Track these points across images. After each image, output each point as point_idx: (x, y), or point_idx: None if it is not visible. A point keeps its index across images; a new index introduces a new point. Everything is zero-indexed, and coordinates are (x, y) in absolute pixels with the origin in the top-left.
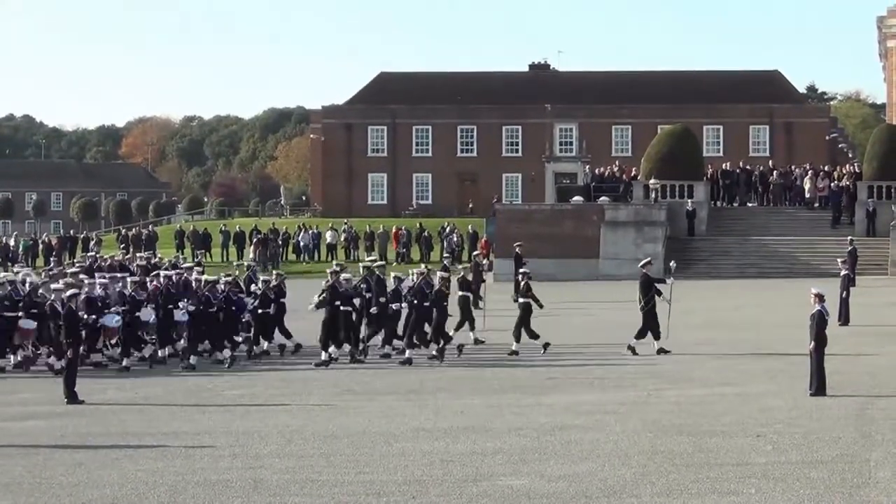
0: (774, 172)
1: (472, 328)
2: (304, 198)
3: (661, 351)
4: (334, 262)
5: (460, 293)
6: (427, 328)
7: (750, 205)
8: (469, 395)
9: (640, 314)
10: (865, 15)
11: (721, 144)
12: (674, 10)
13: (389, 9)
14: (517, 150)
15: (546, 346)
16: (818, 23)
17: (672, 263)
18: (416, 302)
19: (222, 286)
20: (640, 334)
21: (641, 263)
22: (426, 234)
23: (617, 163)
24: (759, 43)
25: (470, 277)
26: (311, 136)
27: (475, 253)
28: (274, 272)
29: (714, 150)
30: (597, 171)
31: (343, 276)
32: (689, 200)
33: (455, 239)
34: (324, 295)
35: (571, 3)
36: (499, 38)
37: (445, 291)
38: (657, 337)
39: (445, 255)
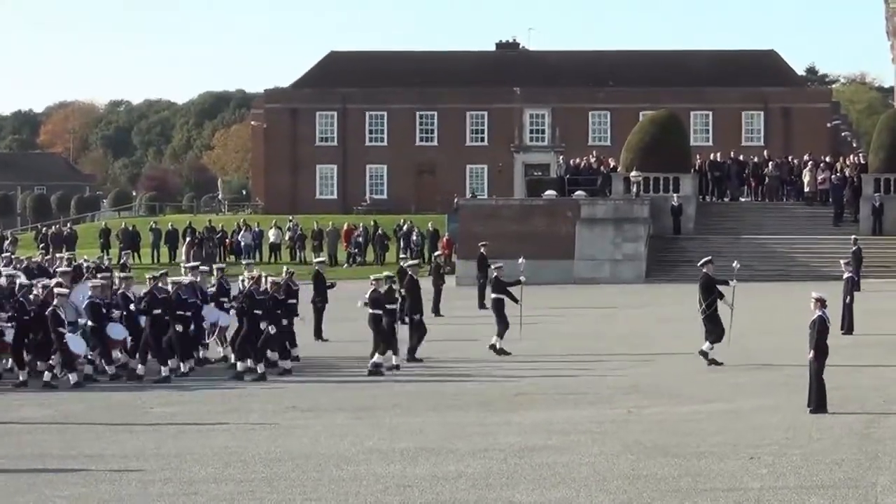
0: (770, 164)
1: (395, 351)
2: (244, 192)
3: (712, 362)
4: (381, 274)
5: (371, 312)
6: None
7: (743, 200)
8: (428, 413)
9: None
10: None
11: (710, 132)
12: None
13: None
14: (482, 139)
15: (499, 351)
16: None
17: (735, 264)
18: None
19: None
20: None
21: (702, 262)
22: (381, 232)
23: (594, 153)
24: (752, 20)
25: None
26: (253, 122)
27: (436, 254)
28: (285, 269)
29: (703, 138)
30: (571, 162)
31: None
32: (675, 195)
33: (415, 238)
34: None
35: None
36: (462, 13)
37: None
38: (715, 342)
39: (403, 256)
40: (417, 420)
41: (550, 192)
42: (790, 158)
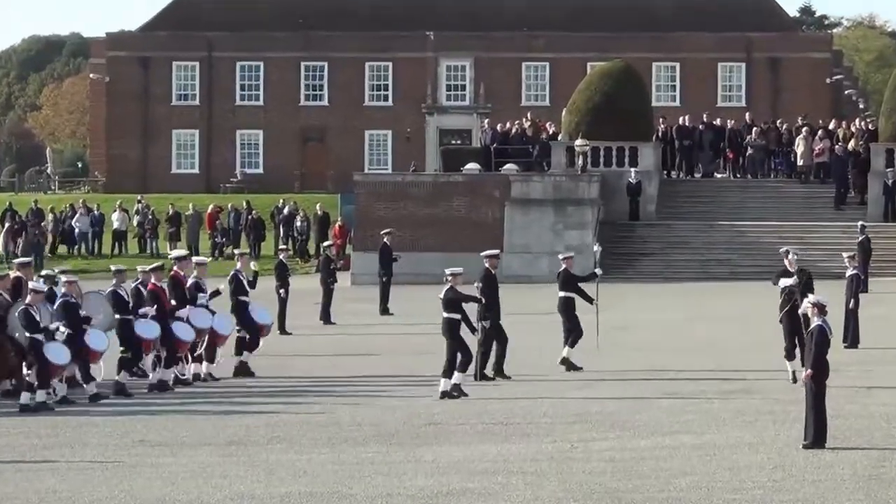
0: (753, 130)
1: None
2: (79, 165)
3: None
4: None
5: (447, 316)
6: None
7: (718, 176)
8: (316, 448)
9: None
10: None
11: (678, 90)
12: None
13: None
14: (386, 98)
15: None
16: None
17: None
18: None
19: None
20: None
21: (784, 250)
22: (255, 216)
23: (529, 115)
24: None
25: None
26: (92, 75)
27: (325, 244)
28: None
29: (668, 97)
30: (500, 127)
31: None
32: (633, 170)
33: (299, 224)
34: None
35: None
36: None
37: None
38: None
39: (282, 247)
40: (302, 458)
41: (473, 166)
42: (779, 123)
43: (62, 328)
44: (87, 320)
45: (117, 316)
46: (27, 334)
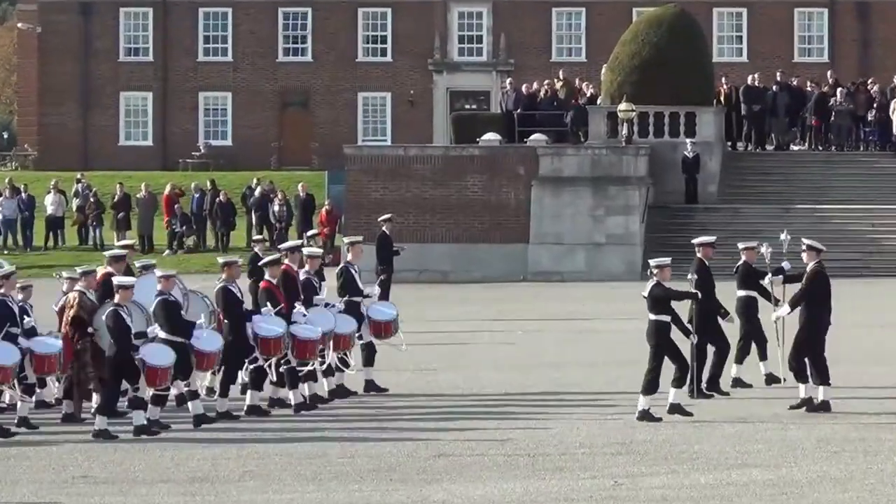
0: (838, 92)
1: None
2: (4, 136)
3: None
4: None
5: (654, 318)
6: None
7: (795, 148)
8: (300, 485)
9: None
10: None
11: (745, 41)
12: None
13: None
14: (383, 52)
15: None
16: None
17: (784, 236)
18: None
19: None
20: None
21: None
22: (223, 199)
23: (560, 74)
24: None
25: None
26: (20, 25)
27: (310, 233)
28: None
29: (733, 51)
30: (524, 88)
31: (654, 263)
32: (689, 141)
33: (276, 208)
34: None
35: None
36: None
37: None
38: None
39: (257, 237)
40: (282, 498)
41: (491, 137)
42: (870, 84)
43: (160, 333)
44: (191, 325)
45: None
46: (112, 340)
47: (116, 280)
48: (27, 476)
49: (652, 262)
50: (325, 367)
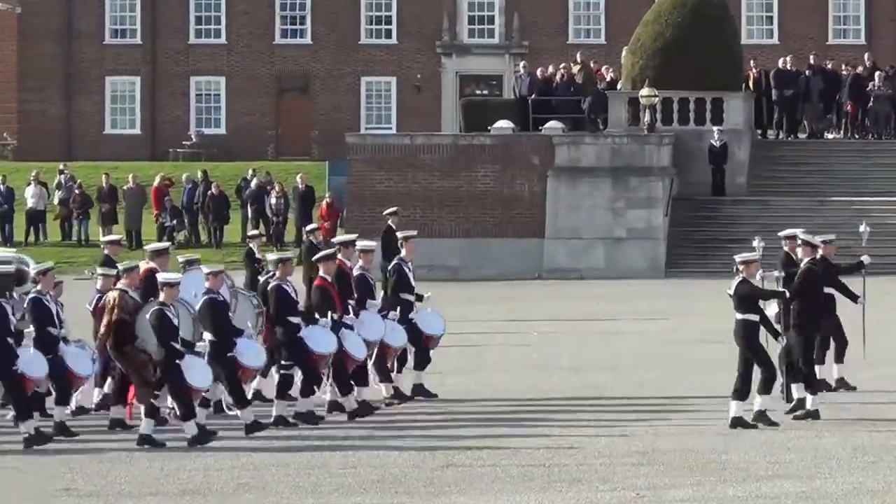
0: (876, 76)
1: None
2: None
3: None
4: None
5: (741, 317)
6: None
7: (830, 136)
8: (296, 498)
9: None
10: None
11: (775, 22)
12: None
13: None
14: (389, 34)
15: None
16: None
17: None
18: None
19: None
20: None
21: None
22: (216, 191)
23: (578, 57)
24: None
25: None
26: None
27: (309, 227)
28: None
29: (762, 32)
30: (539, 72)
31: (740, 259)
32: (716, 129)
33: (274, 201)
34: None
35: None
36: None
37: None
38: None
39: (253, 232)
40: None
41: (504, 124)
42: None
43: (206, 337)
44: (238, 332)
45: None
46: (159, 344)
47: (161, 277)
48: (6, 489)
49: (738, 257)
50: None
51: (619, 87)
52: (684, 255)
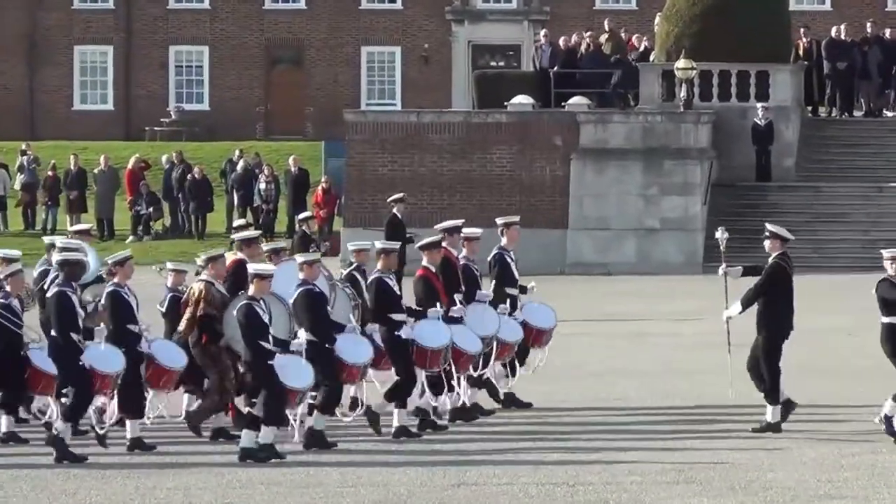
0: None
1: None
2: None
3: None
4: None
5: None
6: None
7: (890, 114)
8: None
9: None
10: None
11: None
12: None
13: None
14: None
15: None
16: None
17: (721, 234)
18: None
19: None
20: None
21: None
22: (197, 175)
23: (606, 24)
24: None
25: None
26: None
27: (302, 216)
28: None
29: None
30: (563, 41)
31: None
32: (761, 106)
33: (263, 186)
34: None
35: None
36: None
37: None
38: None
39: (239, 221)
40: None
41: (523, 100)
42: None
43: (302, 335)
44: (339, 328)
45: None
46: (245, 343)
47: (252, 268)
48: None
49: (885, 252)
50: (482, 377)
51: (651, 58)
52: (725, 249)
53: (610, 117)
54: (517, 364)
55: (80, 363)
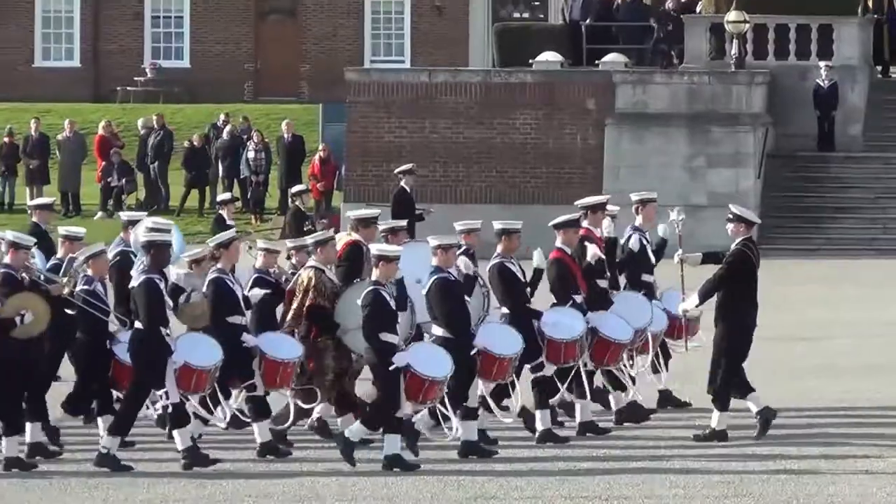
0: None
1: None
2: None
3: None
4: None
5: None
6: None
7: None
8: None
9: None
10: None
11: None
12: None
13: None
14: None
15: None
16: None
17: (676, 214)
18: None
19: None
20: None
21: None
22: (196, 141)
23: None
24: None
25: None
26: None
27: (296, 189)
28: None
29: None
30: None
31: None
32: (823, 65)
33: (252, 154)
34: None
35: None
36: None
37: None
38: None
39: (224, 196)
40: None
41: (550, 57)
42: None
43: (434, 330)
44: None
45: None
46: (366, 336)
47: (376, 249)
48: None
49: None
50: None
51: (698, 9)
52: (781, 226)
53: (650, 77)
54: (661, 357)
55: (164, 365)
